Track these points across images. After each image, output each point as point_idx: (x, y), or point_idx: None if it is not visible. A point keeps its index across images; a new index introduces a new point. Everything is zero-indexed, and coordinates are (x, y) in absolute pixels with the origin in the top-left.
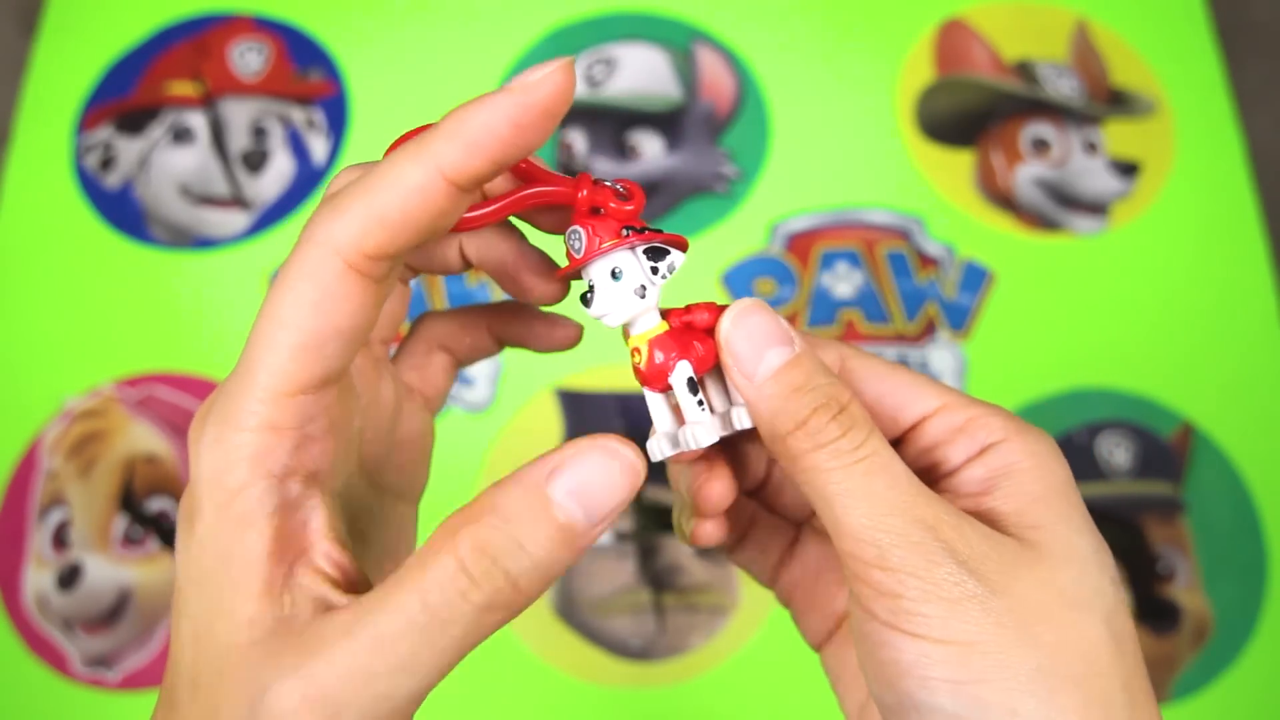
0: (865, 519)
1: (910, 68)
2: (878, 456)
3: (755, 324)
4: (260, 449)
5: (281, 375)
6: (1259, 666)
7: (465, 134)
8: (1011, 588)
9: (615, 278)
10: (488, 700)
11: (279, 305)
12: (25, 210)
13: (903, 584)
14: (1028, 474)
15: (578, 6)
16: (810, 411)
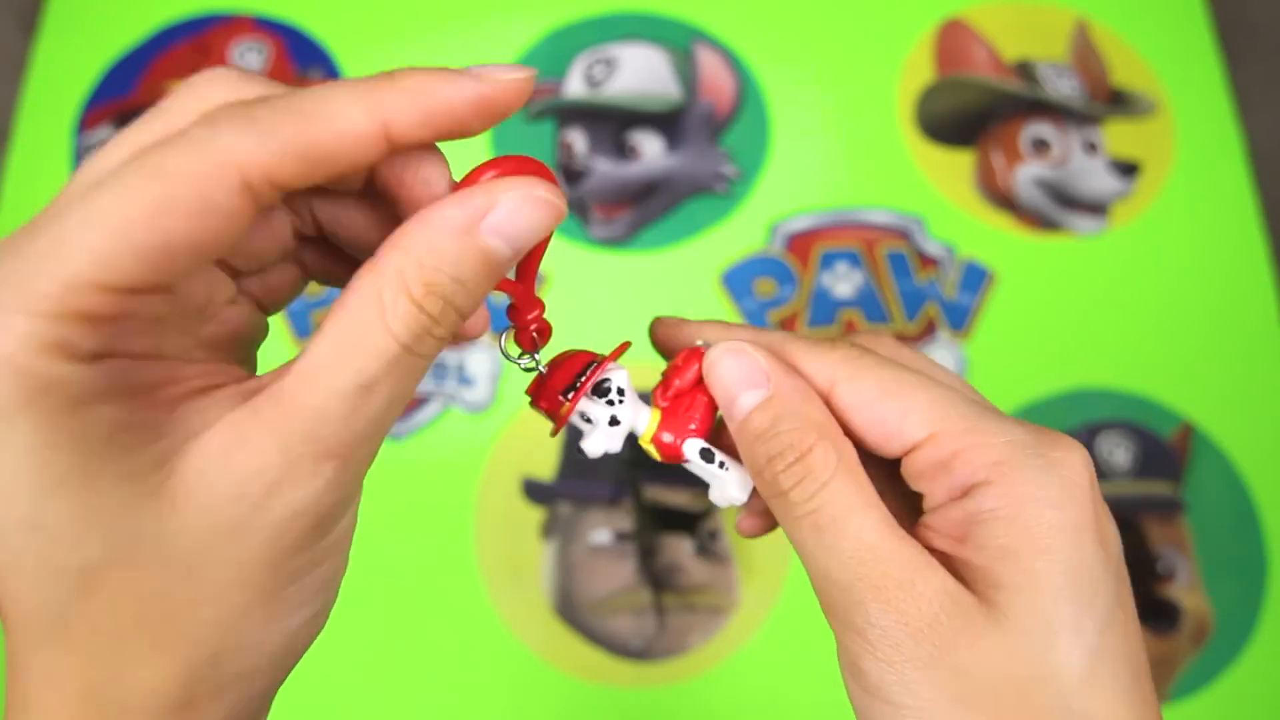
0: (815, 569)
1: (910, 68)
2: (829, 508)
3: (726, 370)
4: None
5: (112, 268)
6: (1259, 666)
7: (425, 102)
8: (955, 657)
9: (588, 421)
10: (488, 700)
11: (139, 192)
12: (25, 210)
13: (845, 635)
14: (1000, 525)
15: (578, 6)
16: (766, 461)
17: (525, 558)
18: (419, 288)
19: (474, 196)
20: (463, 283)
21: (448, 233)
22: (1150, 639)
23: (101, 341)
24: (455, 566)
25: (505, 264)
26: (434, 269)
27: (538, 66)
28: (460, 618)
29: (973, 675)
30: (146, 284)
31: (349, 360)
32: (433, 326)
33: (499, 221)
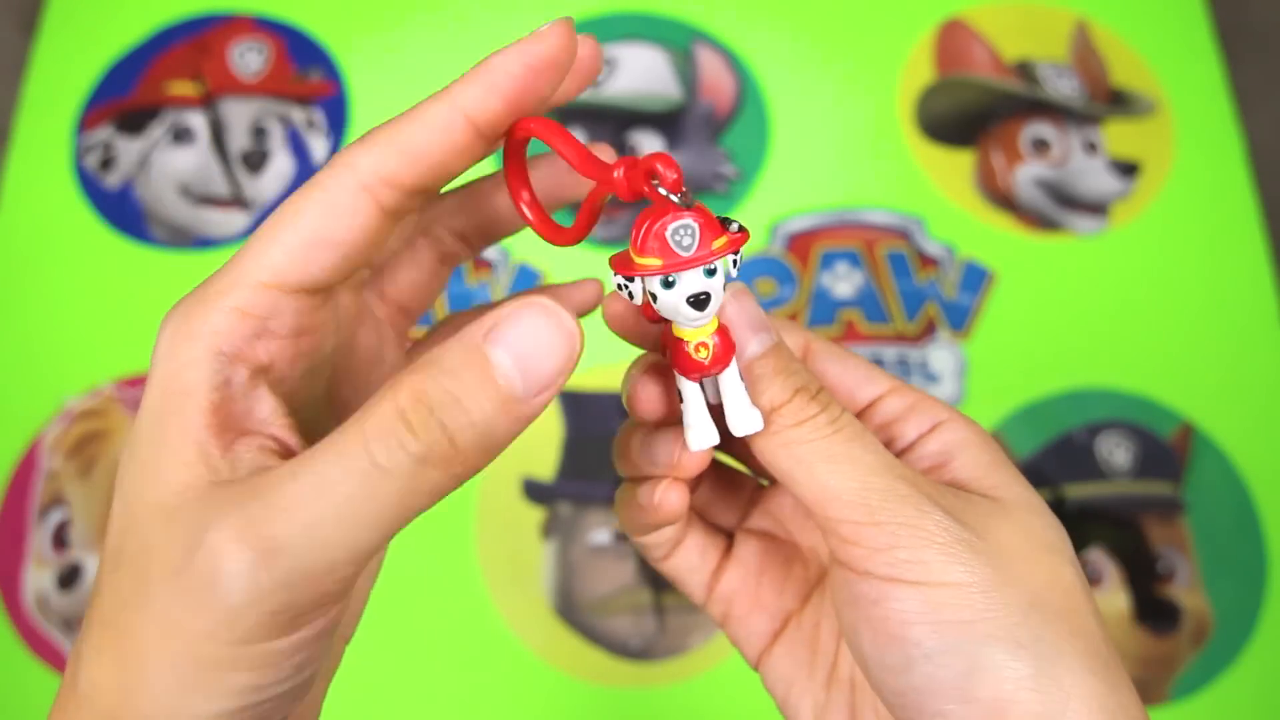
0: (852, 480)
1: (910, 68)
2: (853, 427)
3: (747, 307)
4: (217, 328)
5: (265, 266)
6: (1259, 666)
7: (484, 77)
8: (992, 534)
9: (710, 275)
10: (488, 700)
11: (288, 206)
12: (25, 210)
13: (896, 536)
14: (978, 446)
15: (578, 6)
16: (793, 392)
17: (525, 558)
18: (406, 394)
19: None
20: (458, 400)
21: (454, 344)
22: (1150, 639)
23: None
24: (455, 566)
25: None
26: (429, 377)
27: None
28: (460, 618)
29: (1006, 548)
30: (295, 279)
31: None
32: (406, 439)
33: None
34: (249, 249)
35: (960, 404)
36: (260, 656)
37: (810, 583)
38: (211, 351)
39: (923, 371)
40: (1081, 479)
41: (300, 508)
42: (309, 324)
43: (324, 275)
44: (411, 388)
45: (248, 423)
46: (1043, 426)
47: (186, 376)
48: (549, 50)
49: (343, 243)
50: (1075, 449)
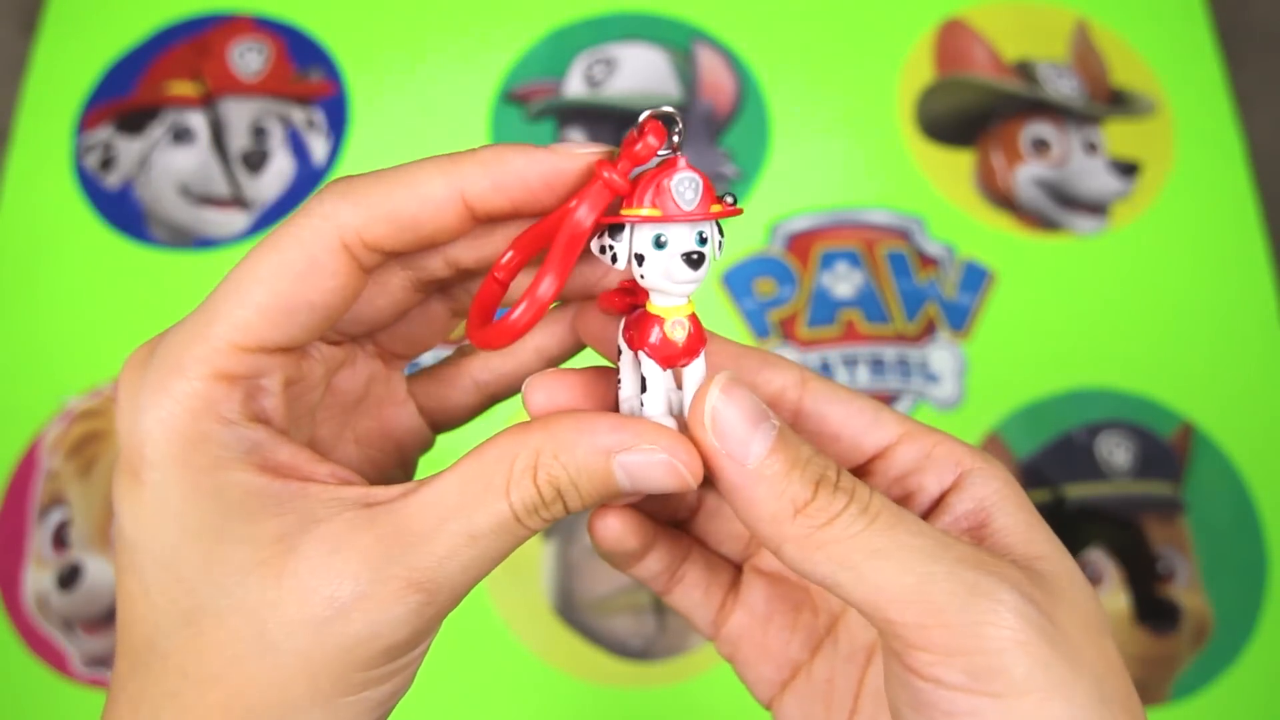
0: (908, 575)
1: (910, 68)
2: (889, 510)
3: (738, 410)
4: (211, 397)
5: (243, 329)
6: (1259, 666)
7: (498, 171)
8: (1058, 619)
9: (702, 243)
10: (488, 700)
11: (259, 263)
12: (25, 210)
13: (977, 635)
14: (1011, 501)
15: (578, 6)
16: (814, 486)
17: (525, 558)
18: (544, 475)
19: (627, 428)
20: (578, 488)
21: (589, 446)
22: (1150, 639)
23: (241, 404)
24: None
25: (621, 494)
26: (561, 466)
27: (538, 66)
28: (460, 618)
29: (1073, 634)
30: (274, 342)
31: (466, 510)
32: (541, 509)
33: (632, 464)
34: (219, 306)
35: (960, 404)
36: (400, 668)
37: (819, 633)
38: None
39: (923, 371)
40: (1081, 479)
41: (457, 555)
42: (295, 375)
43: (302, 335)
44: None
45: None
46: (1043, 426)
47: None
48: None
49: (319, 304)
50: (1075, 449)
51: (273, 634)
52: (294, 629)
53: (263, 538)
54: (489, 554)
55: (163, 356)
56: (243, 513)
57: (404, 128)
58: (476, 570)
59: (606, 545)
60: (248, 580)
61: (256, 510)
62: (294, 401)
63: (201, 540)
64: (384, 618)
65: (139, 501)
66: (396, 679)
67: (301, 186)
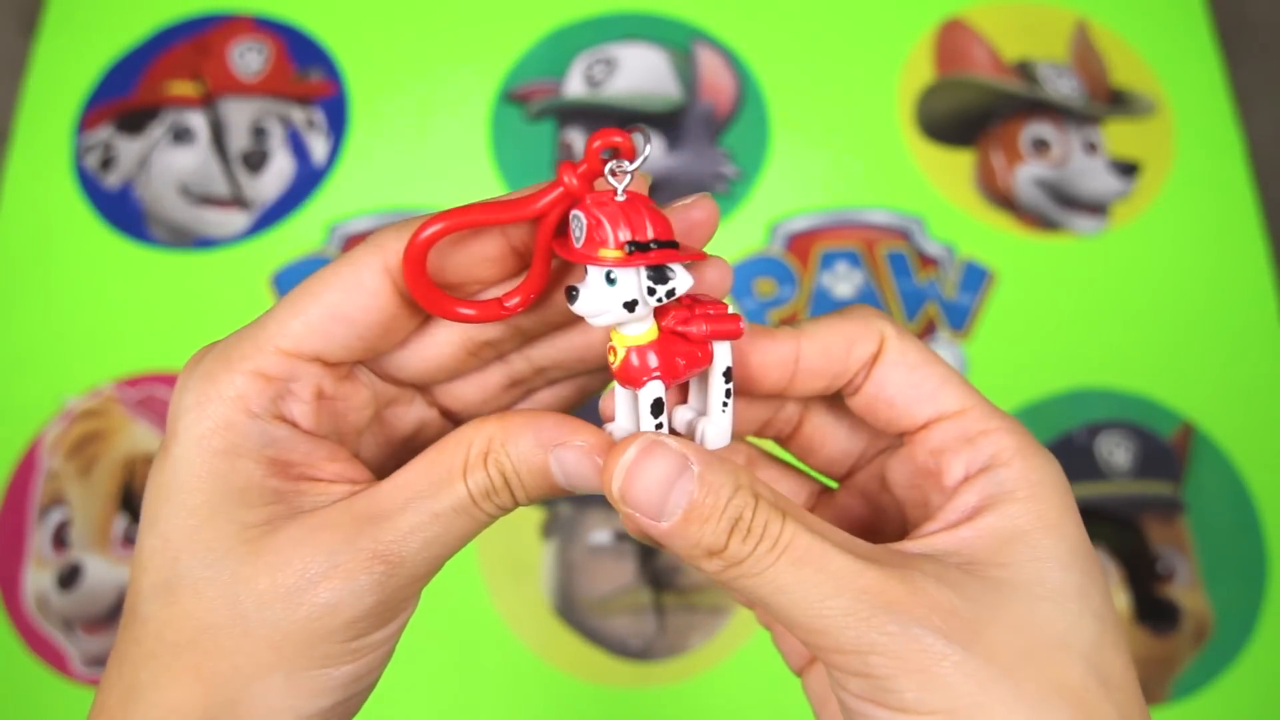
0: (808, 609)
1: (910, 68)
2: (796, 545)
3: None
4: (245, 391)
5: (288, 335)
6: (1259, 666)
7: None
8: (984, 637)
9: (610, 283)
10: (488, 700)
11: (319, 279)
12: (25, 210)
13: (867, 663)
14: (1017, 504)
15: (578, 6)
16: (725, 538)
17: (525, 558)
18: (494, 462)
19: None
20: (520, 478)
21: (531, 439)
22: (1150, 639)
23: (269, 401)
24: (455, 566)
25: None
26: (507, 455)
27: (538, 66)
28: (460, 618)
29: (1002, 652)
30: (312, 351)
31: (430, 490)
32: (493, 494)
33: (566, 459)
34: (272, 314)
35: None
36: (365, 647)
37: None
38: (244, 412)
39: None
40: (1081, 479)
41: (420, 531)
42: (331, 391)
43: (339, 350)
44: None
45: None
46: (1043, 426)
47: (228, 436)
48: None
49: (358, 321)
50: (1075, 449)
51: (245, 605)
52: (265, 600)
53: (250, 521)
54: (450, 533)
55: (219, 350)
56: (240, 499)
57: (404, 128)
58: (439, 548)
59: None
60: (228, 557)
61: (253, 499)
62: (332, 415)
63: (195, 516)
64: (348, 586)
65: (160, 470)
66: (360, 661)
67: (301, 186)
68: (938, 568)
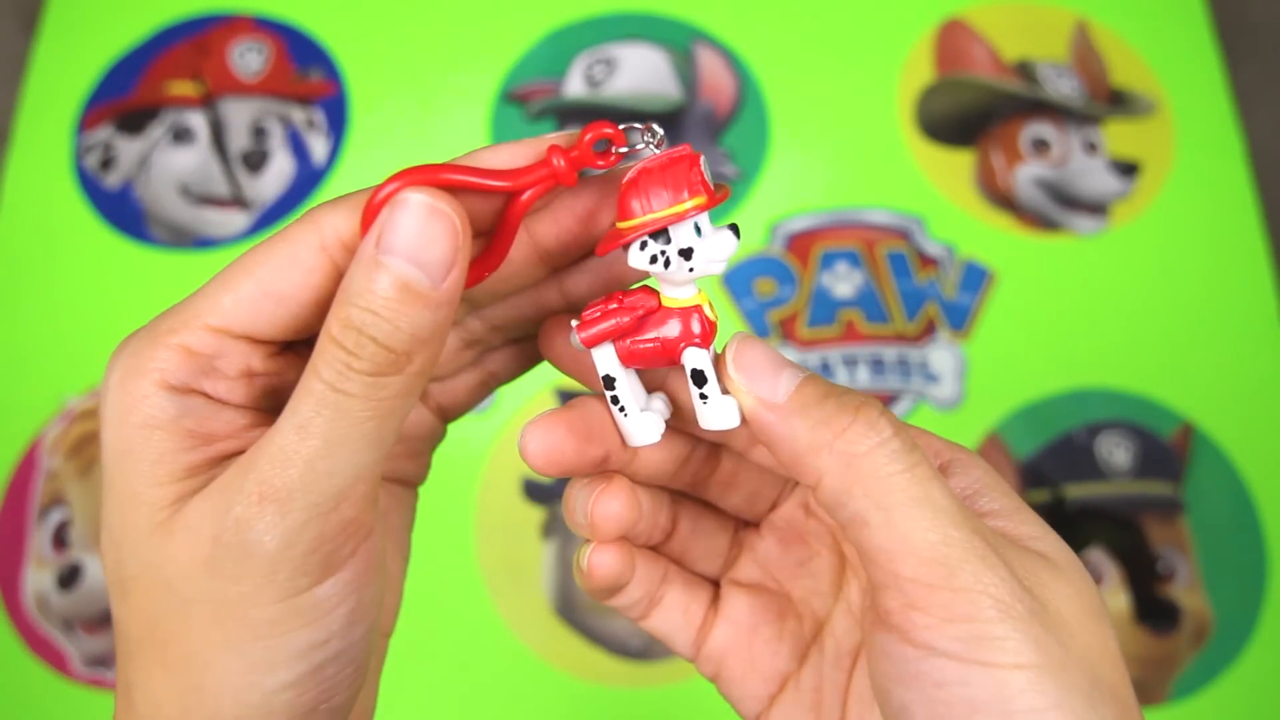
0: (933, 532)
1: (910, 68)
2: (927, 462)
3: (758, 353)
4: (164, 364)
5: (217, 311)
6: (1259, 666)
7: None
8: (1053, 601)
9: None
10: (488, 700)
11: (251, 255)
12: (25, 210)
13: (976, 605)
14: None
15: (578, 6)
16: (855, 411)
17: (525, 558)
18: (336, 325)
19: (375, 225)
20: (374, 311)
21: (355, 267)
22: (1150, 639)
23: (190, 375)
24: (455, 566)
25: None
26: (347, 304)
27: (538, 66)
28: (460, 618)
29: (1067, 617)
30: (241, 328)
31: (291, 404)
32: (351, 360)
33: (391, 243)
34: (204, 290)
35: (960, 404)
36: (310, 608)
37: (806, 640)
38: (161, 385)
39: (923, 371)
40: (1081, 479)
41: (292, 452)
42: (263, 367)
43: (271, 328)
44: (337, 318)
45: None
46: (1043, 426)
47: (144, 409)
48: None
49: (292, 299)
50: (1075, 449)
51: (177, 586)
52: (191, 575)
53: (162, 500)
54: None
55: (147, 327)
56: (152, 476)
57: (404, 128)
58: (323, 466)
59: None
60: (150, 541)
61: (164, 475)
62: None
63: (120, 503)
64: (248, 539)
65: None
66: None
67: (301, 186)
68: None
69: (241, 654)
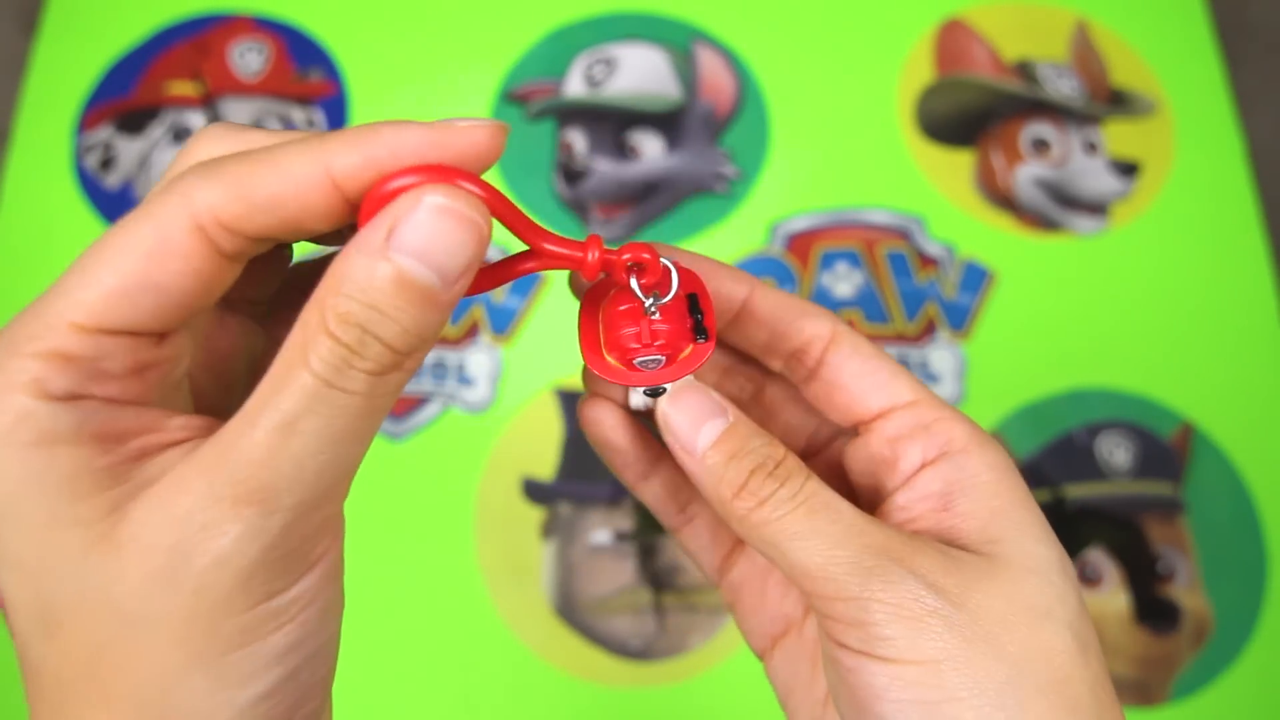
0: (817, 555)
1: (910, 68)
2: (816, 497)
3: (690, 402)
4: (40, 375)
5: (83, 309)
6: (1259, 666)
7: (367, 146)
8: (972, 600)
9: None
10: (488, 700)
11: (110, 242)
12: (25, 210)
13: (865, 610)
14: (987, 487)
15: (578, 6)
16: (748, 474)
17: (525, 558)
18: (333, 318)
19: (384, 215)
20: (379, 309)
21: (358, 258)
22: (1150, 639)
23: (75, 382)
24: (455, 566)
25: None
26: (347, 297)
27: (538, 66)
28: (460, 618)
29: (989, 615)
30: (117, 325)
31: (273, 399)
32: (352, 358)
33: (406, 240)
34: (61, 286)
35: (960, 404)
36: (285, 608)
37: None
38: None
39: (923, 372)
40: (1081, 479)
41: (277, 450)
42: (153, 357)
43: (149, 320)
44: (335, 313)
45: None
46: (1043, 426)
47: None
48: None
49: (169, 287)
50: (1075, 449)
51: (127, 607)
52: (145, 594)
53: (92, 516)
54: (320, 441)
55: (3, 335)
56: (71, 493)
57: None
58: (313, 460)
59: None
60: (87, 563)
61: (86, 489)
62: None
63: (35, 531)
64: (222, 545)
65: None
66: (287, 627)
67: None
68: (934, 542)
69: (209, 671)
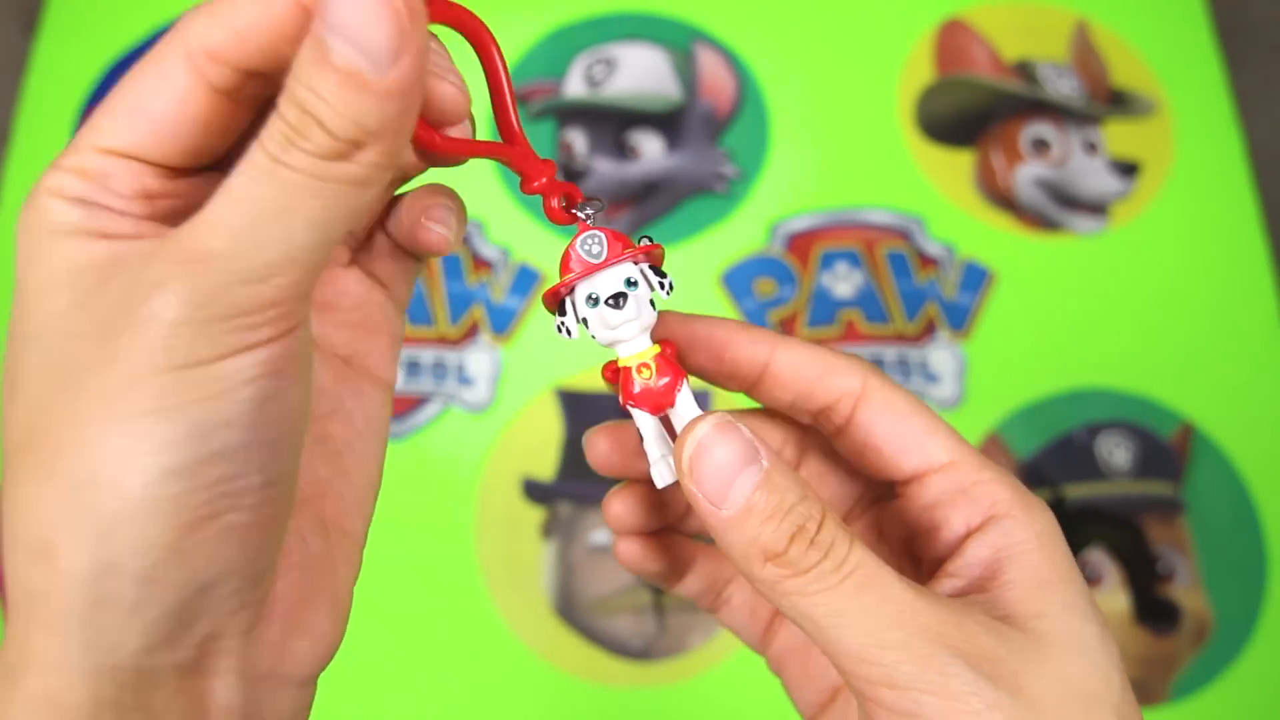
0: (865, 638)
1: (910, 68)
2: (863, 569)
3: (721, 454)
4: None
5: (97, 133)
6: (1259, 666)
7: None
8: (1028, 687)
9: (630, 285)
10: (488, 700)
11: (128, 77)
12: None
13: (919, 702)
14: (1033, 556)
15: (578, 6)
16: (788, 541)
17: (525, 558)
18: (282, 98)
19: None
20: (316, 93)
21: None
22: (1150, 639)
23: (86, 190)
24: (455, 566)
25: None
26: (292, 78)
27: (538, 66)
28: (460, 618)
29: (1042, 702)
30: (121, 146)
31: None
32: (295, 137)
33: (330, 18)
34: (92, 118)
35: (960, 404)
36: (209, 380)
37: None
38: (60, 197)
39: (923, 372)
40: (1081, 479)
41: (223, 219)
42: (161, 189)
43: (156, 150)
44: (288, 98)
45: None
46: (1043, 426)
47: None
48: None
49: (170, 118)
50: (1075, 449)
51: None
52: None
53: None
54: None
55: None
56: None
57: None
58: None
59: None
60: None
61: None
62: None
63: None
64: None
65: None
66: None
67: None
68: (982, 616)
69: (123, 430)
